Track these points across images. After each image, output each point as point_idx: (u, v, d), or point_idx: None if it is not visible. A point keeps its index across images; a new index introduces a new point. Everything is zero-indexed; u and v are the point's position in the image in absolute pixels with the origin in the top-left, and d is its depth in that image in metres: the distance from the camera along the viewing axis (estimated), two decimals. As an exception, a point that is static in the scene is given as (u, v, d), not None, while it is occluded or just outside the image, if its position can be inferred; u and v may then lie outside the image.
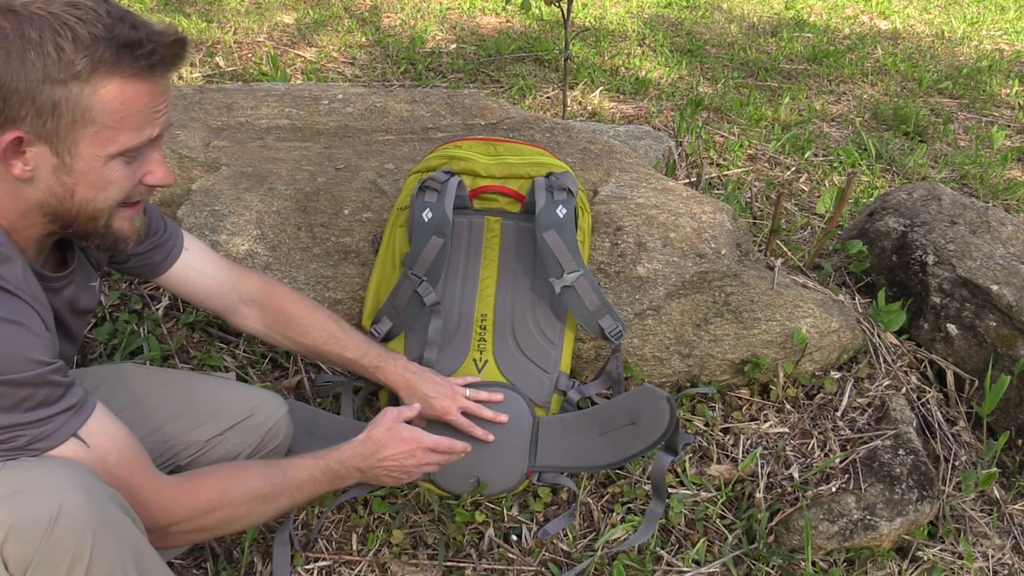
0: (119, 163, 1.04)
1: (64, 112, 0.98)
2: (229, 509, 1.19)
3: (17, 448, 0.99)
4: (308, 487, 1.30)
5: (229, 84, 3.14)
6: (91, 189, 1.04)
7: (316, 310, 1.55)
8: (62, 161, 1.01)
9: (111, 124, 1.01)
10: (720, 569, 1.58)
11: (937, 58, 4.81)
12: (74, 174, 1.03)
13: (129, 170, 1.06)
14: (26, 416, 0.98)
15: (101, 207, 1.06)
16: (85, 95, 0.98)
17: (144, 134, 1.04)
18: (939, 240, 2.11)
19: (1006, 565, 1.69)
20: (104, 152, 1.02)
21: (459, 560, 1.56)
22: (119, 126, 1.01)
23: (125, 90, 1.00)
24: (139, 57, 0.99)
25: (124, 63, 0.99)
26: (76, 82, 0.97)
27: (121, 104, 1.00)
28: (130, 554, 1.01)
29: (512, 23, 4.83)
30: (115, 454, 1.07)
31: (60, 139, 1.00)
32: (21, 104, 0.97)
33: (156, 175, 1.09)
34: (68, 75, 0.97)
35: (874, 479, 1.68)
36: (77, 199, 1.04)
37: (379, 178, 1.97)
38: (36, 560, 0.94)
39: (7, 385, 0.96)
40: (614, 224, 1.86)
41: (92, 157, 1.02)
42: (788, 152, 3.32)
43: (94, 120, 1.00)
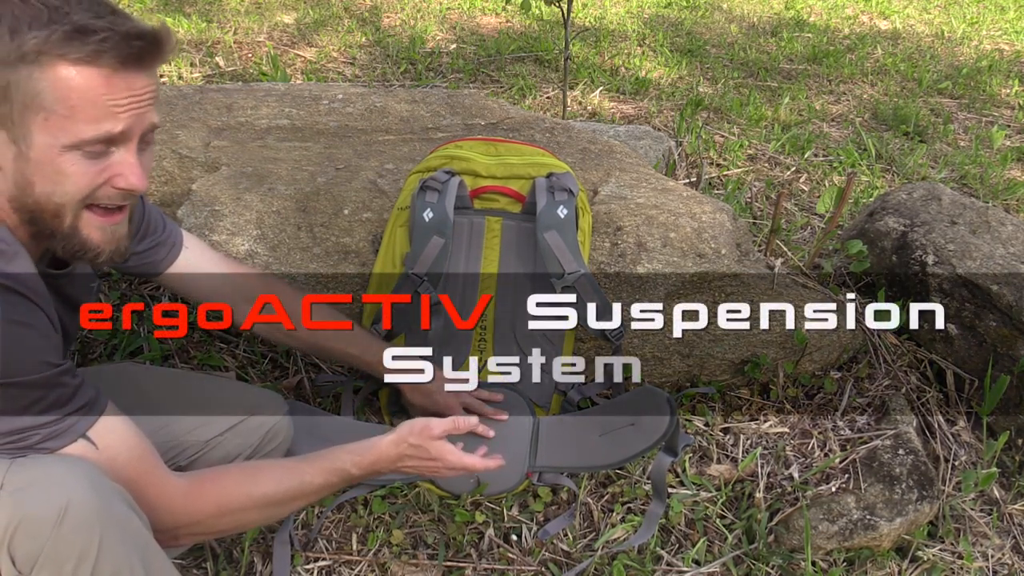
0: (76, 156, 0.99)
1: (15, 96, 0.95)
2: (240, 514, 1.18)
3: (27, 447, 0.99)
4: (324, 491, 1.27)
5: (229, 84, 3.15)
6: (48, 182, 0.99)
7: (318, 307, 1.55)
8: (20, 149, 0.98)
9: (62, 112, 0.96)
10: (720, 569, 1.58)
11: (937, 58, 4.81)
12: (31, 164, 0.98)
13: (90, 166, 1.00)
14: (38, 419, 0.98)
15: (61, 202, 1.01)
16: (34, 79, 0.95)
17: (102, 127, 0.98)
18: (939, 240, 2.11)
19: (1006, 565, 1.69)
20: (57, 142, 0.97)
21: (459, 560, 1.56)
22: (71, 115, 0.96)
23: (76, 77, 0.95)
24: (90, 43, 0.94)
25: (74, 47, 0.94)
26: (24, 64, 0.94)
27: (70, 91, 0.96)
28: (136, 551, 1.02)
29: (512, 23, 4.83)
30: (124, 454, 1.07)
31: (15, 124, 0.97)
32: None
33: (125, 178, 1.02)
34: (16, 56, 0.93)
35: (874, 479, 1.68)
36: (37, 192, 1.00)
37: (379, 178, 1.97)
38: (44, 555, 0.94)
39: (19, 387, 0.96)
40: (614, 224, 1.86)
41: (46, 146, 0.97)
42: (788, 152, 3.32)
43: (43, 106, 0.96)
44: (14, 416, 0.97)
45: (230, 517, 1.17)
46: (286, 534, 1.51)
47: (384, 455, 1.30)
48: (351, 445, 1.30)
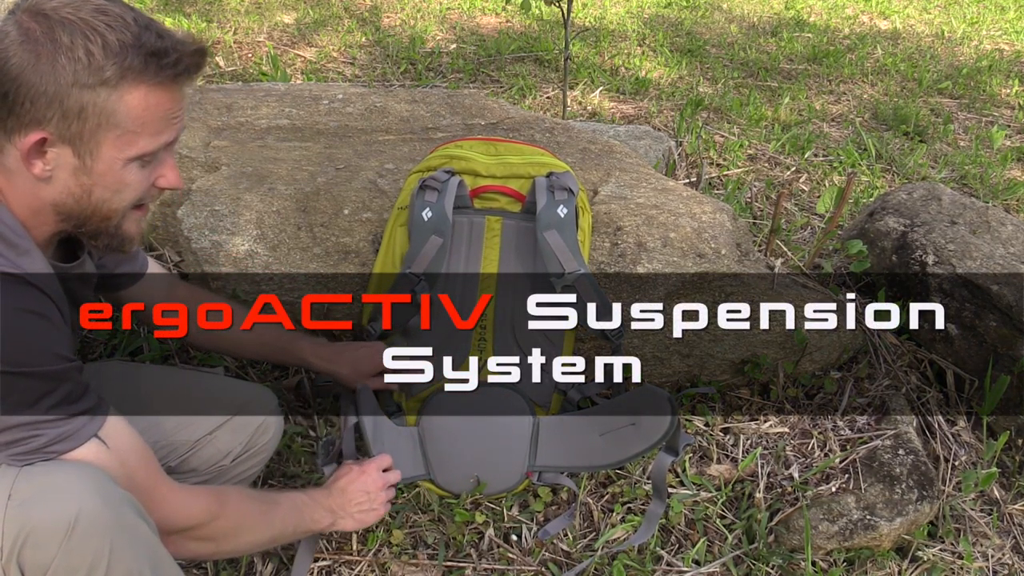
0: (136, 166, 1.05)
1: (90, 116, 1.00)
2: (231, 517, 1.20)
3: (34, 450, 0.98)
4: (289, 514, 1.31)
5: (229, 84, 3.15)
6: (108, 191, 1.05)
7: (223, 301, 1.51)
8: (83, 163, 1.02)
9: (133, 129, 1.02)
10: (720, 569, 1.58)
11: (937, 58, 4.81)
12: (93, 176, 1.04)
13: (144, 173, 1.07)
14: (48, 414, 0.98)
15: (116, 207, 1.07)
16: (112, 101, 0.99)
17: (162, 139, 1.06)
18: (939, 240, 2.11)
19: (1006, 565, 1.69)
20: (124, 155, 1.03)
21: (459, 560, 1.56)
22: (140, 131, 1.03)
23: (149, 97, 1.01)
24: (165, 66, 1.01)
25: (151, 71, 1.00)
26: (104, 88, 0.99)
27: (144, 111, 1.02)
28: (146, 559, 1.02)
29: (512, 23, 4.83)
30: (133, 456, 1.07)
31: (83, 142, 1.01)
32: (48, 106, 0.98)
33: (168, 178, 1.10)
34: (97, 80, 0.98)
35: (874, 479, 1.68)
36: (94, 199, 1.05)
37: (379, 178, 1.97)
38: (54, 566, 0.94)
39: (32, 378, 0.96)
40: (614, 224, 1.86)
41: (112, 160, 1.03)
42: (788, 152, 3.32)
43: (118, 125, 1.01)
44: (23, 410, 0.96)
45: (220, 521, 1.18)
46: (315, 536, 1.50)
47: (324, 488, 1.39)
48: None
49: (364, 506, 1.40)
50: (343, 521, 1.38)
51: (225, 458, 1.41)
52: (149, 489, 1.09)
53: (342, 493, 1.39)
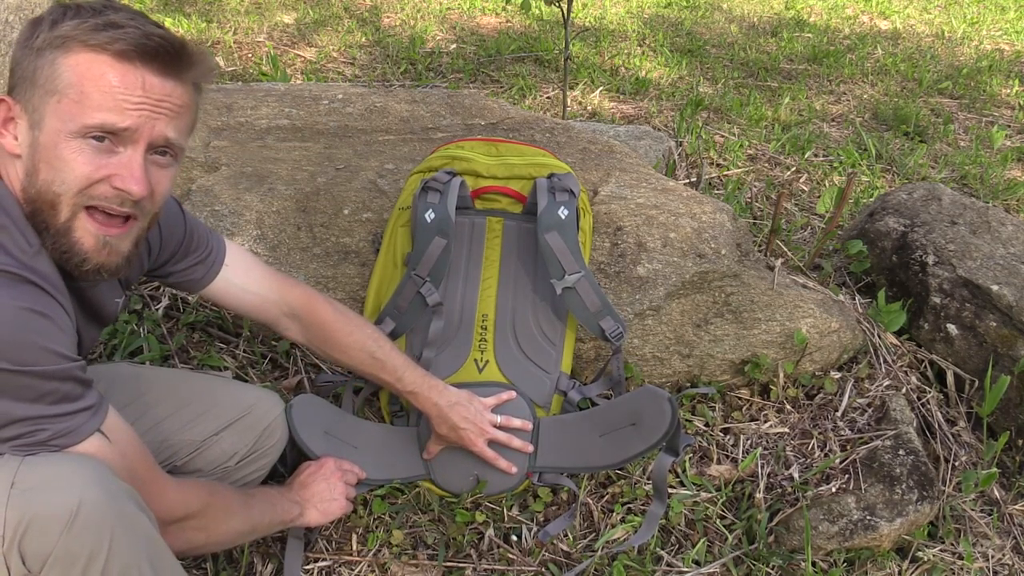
0: (79, 144, 0.99)
1: (39, 80, 1.00)
2: (220, 506, 1.25)
3: (38, 443, 0.99)
4: (265, 506, 1.36)
5: (229, 84, 3.14)
6: (50, 168, 1.00)
7: (356, 328, 1.52)
8: (34, 135, 1.01)
9: (73, 96, 0.98)
10: (720, 569, 1.58)
11: (937, 58, 4.81)
12: (39, 149, 1.00)
13: (91, 158, 1.00)
14: (50, 409, 0.99)
15: (59, 192, 1.00)
16: (57, 63, 0.99)
17: (107, 117, 0.99)
18: (939, 240, 2.11)
19: (1006, 565, 1.69)
20: (64, 127, 0.99)
21: (459, 560, 1.56)
22: (80, 100, 0.98)
23: (93, 66, 0.99)
24: (116, 39, 0.98)
25: (96, 36, 0.99)
26: (51, 48, 0.99)
27: (83, 76, 0.98)
28: (145, 550, 1.02)
29: (512, 23, 4.83)
30: (132, 450, 1.09)
31: (35, 109, 1.01)
32: (13, 73, 1.02)
33: (123, 179, 1.01)
34: (47, 42, 0.99)
35: (874, 479, 1.68)
36: (40, 180, 1.01)
37: (379, 178, 1.97)
38: (54, 555, 0.94)
39: (33, 376, 0.96)
40: (614, 224, 1.86)
41: (54, 131, 1.00)
42: (788, 152, 3.32)
43: (58, 89, 0.99)
44: (26, 404, 0.97)
45: (210, 511, 1.22)
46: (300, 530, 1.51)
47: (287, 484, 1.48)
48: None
49: (325, 496, 1.46)
50: (309, 512, 1.44)
51: (230, 460, 1.42)
52: (148, 482, 1.10)
53: (303, 487, 1.46)
